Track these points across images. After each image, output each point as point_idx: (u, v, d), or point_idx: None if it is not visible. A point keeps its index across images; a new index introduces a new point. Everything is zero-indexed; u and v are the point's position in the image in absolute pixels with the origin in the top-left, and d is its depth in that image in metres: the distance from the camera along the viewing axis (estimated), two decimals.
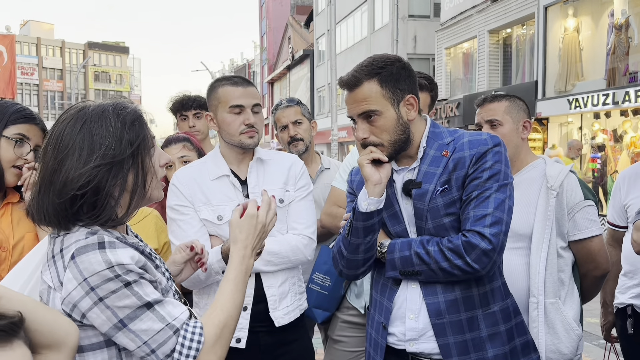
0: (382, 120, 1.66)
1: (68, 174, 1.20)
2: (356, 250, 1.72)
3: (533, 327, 2.05)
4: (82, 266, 1.16)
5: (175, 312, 1.23)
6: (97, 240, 1.19)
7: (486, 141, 1.68)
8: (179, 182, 2.14)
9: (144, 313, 1.19)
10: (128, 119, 1.27)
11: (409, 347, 1.71)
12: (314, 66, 32.02)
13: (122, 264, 1.17)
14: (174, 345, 1.20)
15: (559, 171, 2.15)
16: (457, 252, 1.60)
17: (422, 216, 1.70)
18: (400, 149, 1.70)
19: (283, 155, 2.31)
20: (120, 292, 1.17)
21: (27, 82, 56.48)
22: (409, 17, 21.20)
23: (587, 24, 13.28)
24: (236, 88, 2.12)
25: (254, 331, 2.07)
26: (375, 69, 1.66)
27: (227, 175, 2.14)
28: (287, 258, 2.10)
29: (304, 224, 2.16)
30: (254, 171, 2.16)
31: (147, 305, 1.19)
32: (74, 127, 1.23)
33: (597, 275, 2.23)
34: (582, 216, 2.14)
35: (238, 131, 2.11)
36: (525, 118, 2.28)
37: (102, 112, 1.26)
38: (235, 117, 2.11)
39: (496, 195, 1.62)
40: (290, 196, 2.18)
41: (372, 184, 1.65)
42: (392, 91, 1.67)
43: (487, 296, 1.70)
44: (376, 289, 1.83)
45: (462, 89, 18.20)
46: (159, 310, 1.21)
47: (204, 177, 2.14)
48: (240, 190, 2.14)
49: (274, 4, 42.93)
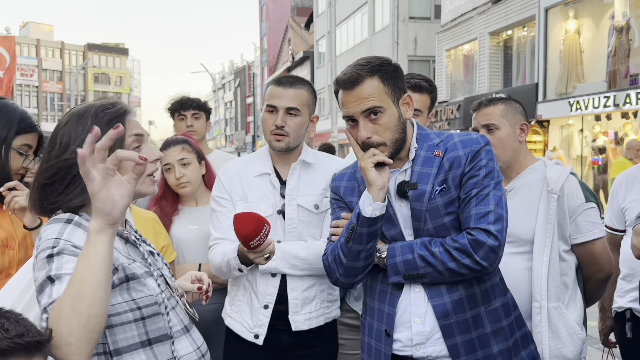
0: (385, 118, 1.64)
1: (46, 165, 1.35)
2: (357, 257, 1.69)
3: (536, 332, 2.04)
4: (43, 233, 1.27)
5: (61, 289, 1.15)
6: (68, 217, 1.30)
7: (478, 140, 1.70)
8: (223, 175, 2.20)
9: (48, 285, 1.17)
10: (105, 119, 1.35)
11: (416, 352, 1.69)
12: (314, 68, 32.04)
13: (67, 240, 1.23)
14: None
15: (559, 174, 2.13)
16: (465, 251, 1.60)
17: (421, 217, 1.68)
18: (399, 148, 1.69)
19: (331, 160, 2.28)
20: (43, 260, 1.21)
21: (27, 84, 56.52)
22: (409, 18, 21.21)
23: (588, 26, 13.28)
24: (276, 88, 2.13)
25: (275, 329, 2.09)
26: (375, 66, 1.65)
27: (269, 173, 2.16)
28: (312, 265, 2.08)
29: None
30: (296, 173, 2.16)
31: (49, 278, 1.17)
32: (62, 125, 1.37)
33: (600, 277, 2.22)
34: (584, 219, 2.12)
35: (269, 131, 2.13)
36: (522, 121, 2.25)
37: (84, 112, 1.37)
38: (269, 116, 2.13)
39: (494, 192, 1.64)
40: (327, 202, 2.12)
41: (377, 188, 1.62)
42: (392, 89, 1.66)
43: (488, 293, 1.71)
44: (372, 296, 1.79)
45: (463, 91, 18.21)
46: (53, 286, 1.17)
47: (247, 173, 2.17)
48: (278, 190, 2.14)
49: (274, 5, 42.98)
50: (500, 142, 2.16)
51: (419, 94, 2.48)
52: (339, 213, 1.82)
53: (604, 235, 2.21)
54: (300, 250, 2.06)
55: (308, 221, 2.14)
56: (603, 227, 2.23)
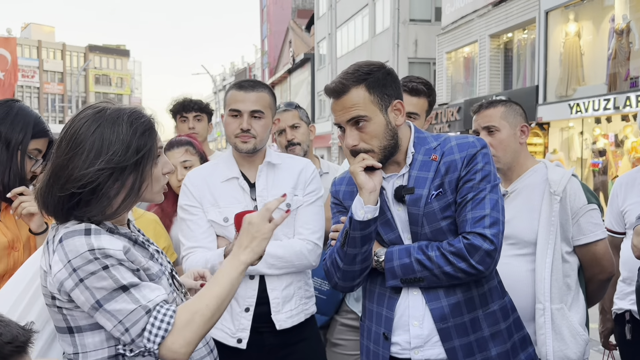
0: (371, 126, 1.65)
1: (73, 171, 1.29)
2: (353, 260, 1.70)
3: (540, 333, 2.04)
4: (67, 248, 1.26)
5: (151, 295, 1.28)
6: (84, 227, 1.29)
7: (474, 143, 1.70)
8: (190, 183, 2.19)
9: (120, 295, 1.25)
10: (140, 129, 1.34)
11: (414, 355, 1.70)
12: (315, 70, 32.07)
13: (102, 248, 1.26)
14: (145, 324, 1.25)
15: (561, 176, 2.14)
16: (461, 255, 1.60)
17: (418, 221, 1.69)
18: (389, 154, 1.70)
19: (295, 159, 2.31)
20: (99, 274, 1.24)
21: (28, 85, 56.59)
22: (410, 21, 21.23)
23: (588, 29, 13.30)
24: (238, 92, 2.15)
25: (258, 331, 2.09)
26: (362, 75, 1.66)
27: (237, 177, 2.18)
28: (290, 262, 2.10)
29: (311, 229, 2.16)
30: (263, 175, 2.19)
31: (122, 287, 1.26)
32: (89, 128, 1.31)
33: (602, 278, 2.22)
34: (587, 220, 2.13)
35: (233, 134, 2.15)
36: (523, 122, 2.26)
37: (117, 117, 1.33)
38: (233, 120, 2.15)
39: (490, 196, 1.64)
40: (298, 200, 2.18)
41: (367, 191, 1.63)
42: (379, 97, 1.66)
43: (486, 296, 1.71)
44: (371, 300, 1.80)
45: (463, 94, 18.22)
46: (134, 293, 1.27)
47: (214, 179, 2.17)
48: (248, 193, 2.16)
49: (275, 7, 43.03)
50: (501, 144, 2.17)
51: (416, 97, 2.48)
52: (339, 217, 1.83)
53: (606, 237, 2.21)
54: (277, 249, 2.08)
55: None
56: (604, 228, 2.23)
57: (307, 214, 2.18)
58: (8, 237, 1.83)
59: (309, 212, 2.18)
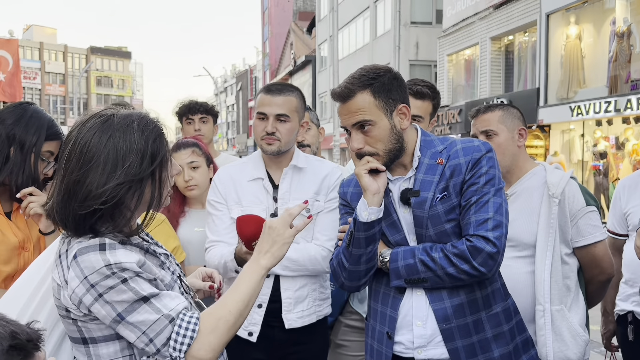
0: (376, 130, 1.68)
1: (91, 187, 1.26)
2: (358, 261, 1.73)
3: (540, 335, 2.06)
4: (82, 265, 1.24)
5: (172, 304, 1.28)
6: (98, 242, 1.27)
7: (479, 147, 1.72)
8: (218, 180, 2.27)
9: (141, 306, 1.25)
10: (152, 136, 1.33)
11: (417, 354, 1.72)
12: (316, 72, 32.09)
13: (118, 263, 1.24)
14: (170, 333, 1.25)
15: (559, 178, 2.15)
16: (464, 257, 1.63)
17: (423, 224, 1.72)
18: (394, 157, 1.72)
19: (322, 164, 2.34)
20: (118, 287, 1.23)
21: (30, 87, 56.63)
22: (411, 23, 21.26)
23: (589, 32, 13.32)
24: (265, 96, 2.21)
25: (269, 325, 2.15)
26: (368, 79, 1.68)
27: (262, 178, 2.24)
28: (304, 266, 2.16)
29: (327, 236, 2.20)
30: (288, 177, 2.23)
31: (143, 299, 1.25)
32: (100, 139, 1.27)
33: (602, 280, 2.24)
34: (585, 222, 2.15)
35: (259, 137, 2.21)
36: (521, 126, 2.27)
37: (127, 125, 1.30)
38: (259, 122, 2.21)
39: (494, 199, 1.67)
40: (319, 206, 2.22)
41: (371, 193, 1.67)
42: (385, 101, 1.69)
43: (489, 298, 1.73)
44: (376, 299, 1.83)
45: (464, 96, 18.24)
46: (155, 303, 1.26)
47: (241, 178, 2.24)
48: (271, 194, 2.22)
49: (276, 10, 43.08)
50: (499, 148, 2.18)
51: (420, 100, 2.50)
52: (346, 218, 1.85)
53: (605, 238, 2.23)
54: (292, 252, 2.11)
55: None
56: (604, 230, 2.25)
57: (326, 220, 2.22)
58: (19, 238, 1.86)
59: (328, 219, 2.22)
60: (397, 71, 1.78)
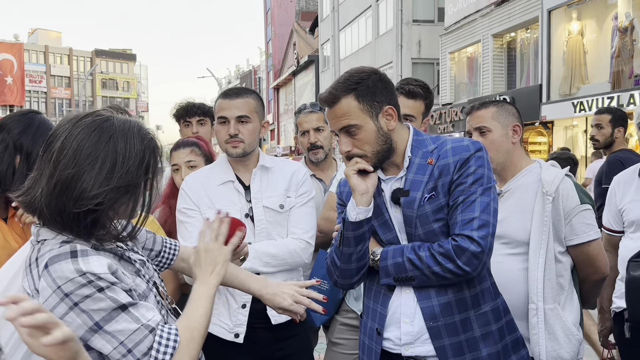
0: (362, 133, 1.70)
1: (86, 185, 1.23)
2: (349, 259, 1.75)
3: (533, 333, 2.05)
4: (54, 275, 1.20)
5: (149, 315, 1.27)
6: (70, 250, 1.22)
7: (468, 147, 1.72)
8: (187, 187, 2.28)
9: (119, 315, 1.22)
10: (150, 146, 1.32)
11: (405, 351, 1.74)
12: (319, 72, 32.11)
13: (93, 272, 1.21)
14: (151, 343, 1.24)
15: (554, 176, 2.14)
16: (448, 256, 1.64)
17: (412, 223, 1.73)
18: (384, 158, 1.74)
19: (287, 163, 2.40)
20: (94, 296, 1.20)
21: (35, 90, 56.93)
22: (413, 22, 21.24)
23: (591, 27, 13.27)
24: (224, 100, 2.26)
25: (253, 327, 2.19)
26: (352, 84, 1.70)
27: (232, 181, 2.27)
28: (284, 260, 2.21)
29: (303, 229, 2.26)
30: (257, 177, 2.27)
31: (121, 307, 1.22)
32: (100, 138, 1.25)
33: (596, 279, 2.22)
34: (579, 220, 2.12)
35: (223, 140, 2.25)
36: (515, 122, 2.25)
37: (127, 130, 1.29)
38: (221, 127, 2.26)
39: (481, 199, 1.67)
40: (291, 202, 2.28)
41: (359, 193, 1.69)
42: (369, 104, 1.70)
43: (478, 297, 1.74)
44: (369, 297, 1.86)
45: (467, 93, 18.21)
46: (134, 312, 1.24)
47: (210, 182, 2.26)
48: (243, 196, 2.25)
49: (279, 10, 43.10)
50: (493, 144, 2.17)
51: (412, 100, 2.51)
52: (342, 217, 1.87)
53: (599, 237, 2.20)
54: (271, 248, 2.19)
55: (275, 221, 2.26)
56: (598, 229, 2.21)
57: (299, 214, 2.28)
58: (19, 243, 1.86)
59: (301, 213, 2.28)
60: (384, 73, 1.79)
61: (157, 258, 1.66)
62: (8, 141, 1.84)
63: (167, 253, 1.69)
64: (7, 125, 1.88)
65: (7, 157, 1.83)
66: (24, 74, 51.98)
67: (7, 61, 49.79)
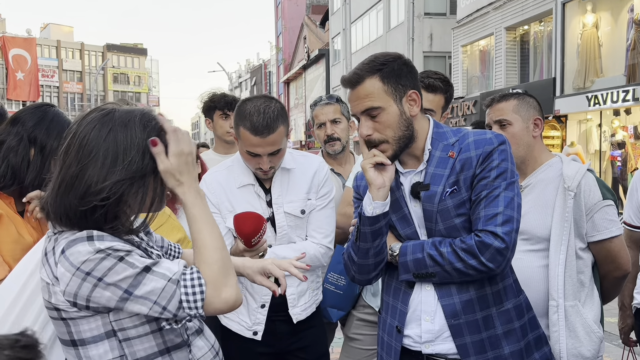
0: (385, 116, 1.66)
1: (90, 182, 1.22)
2: (366, 254, 1.73)
3: (553, 330, 2.02)
4: (71, 258, 1.20)
5: (173, 267, 1.26)
6: (86, 235, 1.23)
7: (491, 140, 1.68)
8: (207, 188, 2.18)
9: (145, 277, 1.22)
10: (153, 132, 1.28)
11: (425, 349, 1.72)
12: (330, 65, 32.01)
13: (109, 247, 1.21)
14: (180, 296, 1.23)
15: (576, 171, 2.09)
16: (471, 252, 1.61)
17: (432, 218, 1.70)
18: (404, 145, 1.70)
19: (307, 161, 2.29)
20: (116, 267, 1.20)
21: (48, 84, 57.34)
22: (424, 15, 21.09)
23: (606, 20, 13.09)
24: (254, 138, 2.03)
25: (271, 320, 2.19)
26: (377, 65, 1.66)
27: (252, 184, 2.19)
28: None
29: (323, 233, 2.23)
30: (278, 181, 2.20)
31: (145, 269, 1.22)
32: (100, 132, 1.24)
33: (617, 276, 2.18)
34: (601, 216, 2.09)
35: (253, 168, 2.15)
36: (536, 115, 2.21)
37: (128, 120, 1.26)
38: (251, 158, 2.10)
39: (505, 193, 1.63)
40: (311, 205, 2.22)
41: (375, 187, 1.66)
42: (394, 87, 1.66)
43: (500, 294, 1.71)
44: (388, 293, 1.83)
45: (479, 87, 18.07)
46: (158, 270, 1.24)
47: (230, 184, 2.19)
48: (264, 200, 2.19)
49: (289, 4, 42.97)
50: (513, 138, 2.13)
51: (432, 94, 2.47)
52: (359, 211, 1.86)
53: (622, 233, 2.16)
54: (293, 253, 2.11)
55: (296, 225, 2.22)
56: (620, 225, 2.18)
57: (320, 217, 2.23)
58: (34, 237, 1.87)
59: (321, 216, 2.23)
60: (408, 58, 1.75)
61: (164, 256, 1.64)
62: (22, 134, 1.84)
63: (171, 256, 1.65)
64: (21, 118, 1.87)
65: (22, 150, 1.82)
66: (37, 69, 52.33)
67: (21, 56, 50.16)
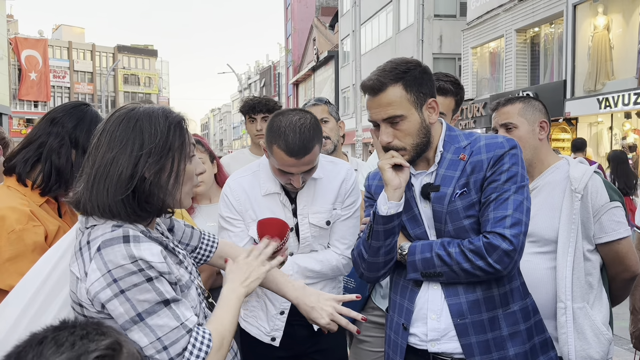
0: (406, 125, 1.68)
1: (122, 169, 1.29)
2: (377, 253, 1.75)
3: (562, 332, 2.03)
4: (107, 258, 1.22)
5: (188, 314, 1.30)
6: (122, 234, 1.25)
7: (503, 144, 1.70)
8: (231, 195, 2.16)
9: (162, 309, 1.24)
10: (174, 122, 1.37)
11: (431, 347, 1.74)
12: (339, 67, 32.02)
13: (145, 260, 1.24)
14: (186, 344, 1.26)
15: (582, 173, 2.10)
16: (479, 253, 1.63)
17: (441, 219, 1.72)
18: (421, 152, 1.73)
19: (335, 169, 2.23)
20: (142, 286, 1.22)
21: (59, 85, 57.78)
22: (434, 16, 21.05)
23: (617, 22, 13.01)
24: (289, 159, 1.97)
25: (290, 324, 2.18)
26: (400, 73, 1.67)
27: (278, 193, 2.16)
28: (326, 275, 2.21)
29: (347, 244, 2.21)
30: (305, 190, 2.16)
31: (165, 302, 1.25)
32: (128, 124, 1.32)
33: (626, 277, 2.19)
34: (609, 218, 2.10)
35: (283, 182, 2.11)
36: (542, 118, 2.22)
37: (152, 112, 1.36)
38: (283, 174, 2.05)
39: (515, 197, 1.65)
40: (336, 215, 2.20)
41: (392, 188, 1.68)
42: (416, 95, 1.68)
43: (507, 296, 1.72)
44: (395, 291, 1.86)
45: (489, 89, 18.01)
46: (175, 309, 1.26)
47: (255, 191, 2.16)
48: (289, 210, 2.17)
49: (299, 5, 43.06)
50: (520, 141, 2.10)
51: (442, 96, 2.48)
52: (370, 211, 1.87)
53: (629, 235, 2.17)
54: (314, 264, 2.15)
55: (319, 235, 2.21)
56: (628, 226, 2.18)
57: (344, 227, 2.22)
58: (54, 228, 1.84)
59: (345, 227, 2.22)
60: (426, 65, 1.77)
61: (192, 253, 1.68)
62: (63, 135, 1.81)
63: (204, 250, 1.70)
64: (59, 119, 1.84)
65: (65, 152, 1.81)
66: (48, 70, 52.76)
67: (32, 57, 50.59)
